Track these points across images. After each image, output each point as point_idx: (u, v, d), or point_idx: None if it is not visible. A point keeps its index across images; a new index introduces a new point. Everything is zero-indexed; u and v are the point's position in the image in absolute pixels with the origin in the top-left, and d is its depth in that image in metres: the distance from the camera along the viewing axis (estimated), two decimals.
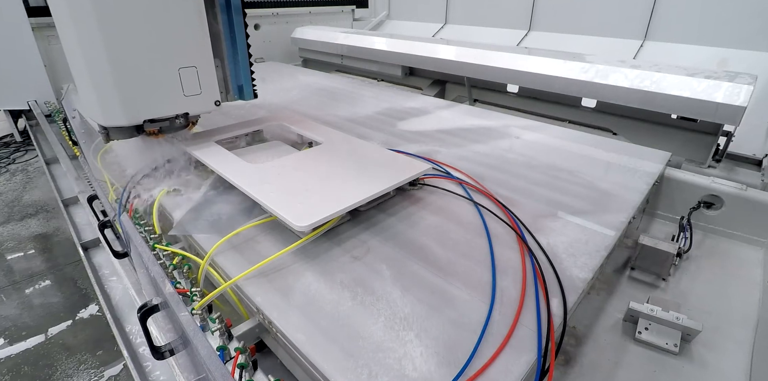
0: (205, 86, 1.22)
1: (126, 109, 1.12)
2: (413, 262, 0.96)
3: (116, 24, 1.04)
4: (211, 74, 1.23)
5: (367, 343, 0.75)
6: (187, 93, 1.19)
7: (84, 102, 1.20)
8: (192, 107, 1.22)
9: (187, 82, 1.18)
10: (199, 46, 1.19)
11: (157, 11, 1.08)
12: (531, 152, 1.56)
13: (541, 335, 0.75)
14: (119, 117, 1.13)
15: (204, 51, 1.20)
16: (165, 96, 1.17)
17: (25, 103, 2.82)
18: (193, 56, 1.18)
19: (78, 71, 1.13)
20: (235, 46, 1.28)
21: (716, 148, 1.80)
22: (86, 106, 1.20)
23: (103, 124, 1.15)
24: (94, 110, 1.15)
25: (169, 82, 1.15)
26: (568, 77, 2.00)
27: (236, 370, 0.75)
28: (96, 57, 1.06)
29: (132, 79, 1.10)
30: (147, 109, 1.16)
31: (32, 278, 2.44)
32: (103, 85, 1.09)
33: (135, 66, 1.09)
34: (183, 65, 1.16)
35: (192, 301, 0.89)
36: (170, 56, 1.14)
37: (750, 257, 1.29)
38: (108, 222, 1.27)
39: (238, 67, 1.30)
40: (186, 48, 1.16)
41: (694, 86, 1.68)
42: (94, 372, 1.85)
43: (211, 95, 1.25)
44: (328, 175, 1.16)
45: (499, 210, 1.15)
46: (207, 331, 0.83)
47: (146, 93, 1.13)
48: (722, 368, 0.93)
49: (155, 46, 1.11)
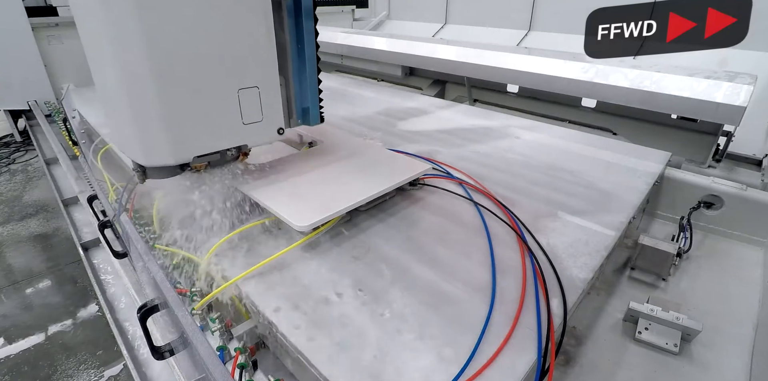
0: (267, 111, 1.00)
1: (174, 145, 0.90)
2: (413, 262, 0.96)
3: (167, 43, 0.82)
4: (275, 95, 1.01)
5: (366, 342, 0.75)
6: (246, 120, 0.97)
7: (116, 133, 1.00)
8: (251, 137, 1.00)
9: (247, 107, 0.95)
10: (263, 60, 0.96)
11: (217, 21, 0.86)
12: (531, 152, 1.56)
13: (541, 335, 0.75)
14: (165, 155, 0.90)
15: (269, 66, 0.98)
16: (221, 126, 0.94)
17: (25, 103, 2.82)
18: (256, 73, 0.96)
19: (111, 99, 0.92)
20: (303, 59, 1.05)
21: (716, 148, 1.80)
22: (119, 139, 0.99)
23: (144, 164, 0.93)
24: (130, 146, 0.93)
25: (227, 108, 0.93)
26: (568, 77, 2.00)
27: (236, 370, 0.75)
28: (139, 85, 0.83)
29: (183, 109, 0.88)
30: (199, 144, 0.94)
31: (32, 278, 2.44)
32: (145, 119, 0.86)
33: (187, 92, 0.87)
34: (244, 85, 0.93)
35: (192, 301, 0.89)
36: (229, 75, 0.92)
37: (750, 257, 1.29)
38: (108, 222, 1.27)
39: (305, 86, 1.08)
40: (248, 64, 0.93)
41: (694, 86, 1.68)
42: (94, 372, 1.85)
43: (274, 122, 1.03)
44: (328, 175, 1.16)
45: (499, 210, 1.15)
46: (207, 331, 0.83)
47: (199, 124, 0.91)
48: (722, 368, 0.93)
49: (212, 65, 0.89)
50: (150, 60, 0.81)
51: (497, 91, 2.55)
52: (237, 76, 0.92)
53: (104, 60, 0.87)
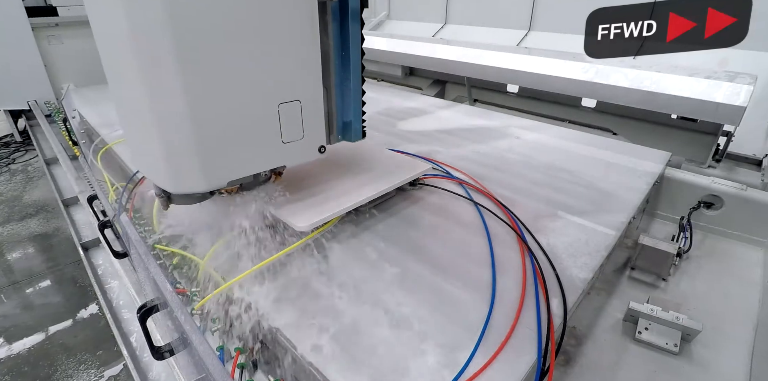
0: (308, 127, 0.89)
1: (207, 170, 0.79)
2: (413, 262, 0.96)
3: (200, 51, 0.71)
4: (317, 109, 0.91)
5: (366, 342, 0.75)
6: (286, 138, 0.86)
7: (138, 155, 0.89)
8: (290, 157, 0.90)
9: (287, 124, 0.85)
10: (307, 69, 0.85)
11: (258, 25, 0.75)
12: (531, 152, 1.56)
13: (541, 335, 0.75)
14: (196, 182, 0.80)
15: (312, 77, 0.87)
16: (258, 146, 0.84)
17: (25, 103, 2.82)
18: (298, 85, 0.85)
19: (132, 117, 0.82)
20: (347, 67, 0.93)
21: (716, 148, 1.80)
22: (142, 162, 0.89)
23: (172, 191, 0.83)
24: (155, 171, 0.83)
25: (265, 126, 0.83)
26: (568, 77, 2.00)
27: (236, 370, 0.75)
28: (168, 102, 0.72)
29: (217, 129, 0.77)
30: (234, 168, 0.83)
31: (32, 278, 2.44)
32: (174, 141, 0.75)
33: (223, 109, 0.76)
34: (285, 99, 0.83)
35: (192, 301, 0.89)
36: (269, 89, 0.81)
37: (750, 257, 1.29)
38: (108, 222, 1.27)
39: (348, 97, 0.97)
40: (290, 74, 0.82)
41: (694, 86, 1.68)
42: (94, 372, 1.85)
43: (315, 139, 0.93)
44: (328, 175, 1.16)
45: (499, 210, 1.15)
46: (207, 331, 0.83)
47: (235, 145, 0.80)
48: (722, 368, 0.93)
49: (252, 77, 0.77)
50: (181, 72, 0.69)
51: (497, 91, 2.55)
52: (278, 89, 0.82)
53: (125, 72, 0.76)
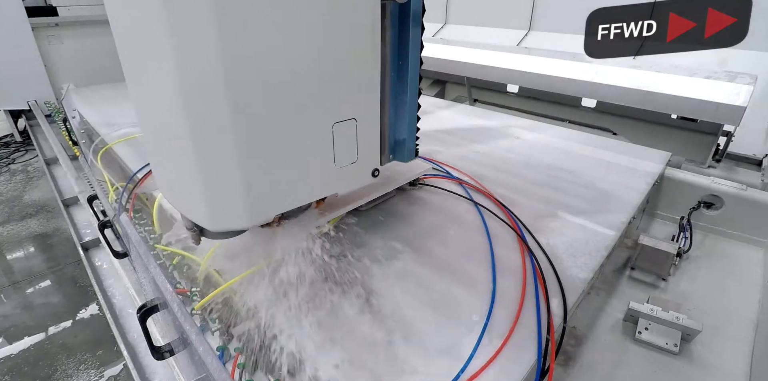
0: (363, 148, 0.78)
1: (252, 205, 0.67)
2: (413, 261, 0.96)
3: (255, 71, 0.58)
4: (373, 127, 0.79)
5: (366, 342, 0.75)
6: (339, 163, 0.75)
7: (169, 187, 0.77)
8: (343, 184, 0.80)
9: (341, 146, 0.73)
10: (365, 82, 0.74)
11: (314, 32, 0.62)
12: (531, 152, 1.56)
13: (541, 335, 0.75)
14: (238, 218, 0.68)
15: (371, 90, 0.76)
16: (309, 173, 0.72)
17: (25, 103, 2.82)
18: (355, 101, 0.73)
19: (166, 150, 0.70)
20: (404, 79, 0.81)
21: (716, 148, 1.80)
22: (174, 195, 0.77)
23: (210, 229, 0.72)
24: (190, 205, 0.72)
25: (318, 149, 0.71)
26: (568, 77, 2.00)
27: (236, 370, 0.75)
28: (214, 133, 0.60)
29: (266, 158, 0.65)
30: (281, 200, 0.71)
31: (32, 278, 2.44)
32: (218, 176, 0.63)
33: (273, 135, 0.64)
34: (340, 118, 0.71)
35: (192, 301, 0.89)
36: (325, 106, 0.69)
37: (750, 257, 1.29)
38: (108, 222, 1.27)
39: (403, 113, 0.85)
40: (347, 89, 0.71)
41: (694, 86, 1.68)
42: (94, 372, 1.85)
43: (369, 161, 0.82)
44: None
45: (499, 210, 1.15)
46: (207, 331, 0.83)
47: (283, 175, 0.68)
48: (722, 368, 0.93)
49: (305, 93, 0.65)
50: (228, 89, 0.57)
51: (497, 91, 2.55)
52: (333, 106, 0.70)
53: (160, 97, 0.63)
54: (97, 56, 3.09)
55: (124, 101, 2.27)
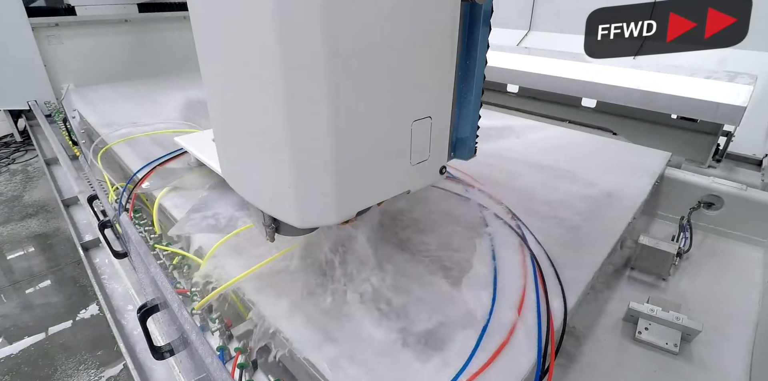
0: (434, 146, 0.79)
1: (341, 202, 0.69)
2: (413, 261, 0.96)
3: (354, 72, 0.60)
4: (445, 125, 0.80)
5: (366, 342, 0.75)
6: (414, 160, 0.76)
7: (250, 186, 0.78)
8: (415, 181, 0.80)
9: (417, 143, 0.74)
10: (442, 82, 0.75)
11: (406, 38, 0.64)
12: (531, 152, 1.56)
13: (541, 335, 0.75)
14: (327, 214, 0.70)
15: (446, 90, 0.77)
16: (389, 170, 0.74)
17: (25, 103, 2.82)
18: (431, 99, 0.74)
19: (249, 146, 0.71)
20: (470, 79, 0.82)
21: (716, 148, 1.80)
22: (256, 194, 0.77)
23: (298, 226, 0.72)
24: (277, 203, 0.73)
25: (397, 147, 0.72)
26: (568, 77, 2.00)
27: (236, 370, 0.75)
28: (312, 130, 0.61)
29: (356, 155, 0.66)
30: (365, 196, 0.73)
31: (32, 278, 2.44)
32: (312, 173, 0.65)
33: (363, 132, 0.66)
34: (418, 116, 0.72)
35: (192, 301, 0.89)
36: (407, 104, 0.70)
37: (750, 257, 1.29)
38: (108, 222, 1.27)
39: (467, 112, 0.86)
40: (427, 88, 0.72)
41: (694, 86, 1.68)
42: (94, 372, 1.85)
43: (439, 158, 0.83)
44: None
45: (499, 210, 1.15)
46: (207, 331, 0.83)
47: (368, 171, 0.70)
48: (722, 368, 0.93)
49: (393, 93, 0.67)
50: (329, 86, 0.58)
51: (497, 90, 2.55)
52: (414, 105, 0.71)
53: (254, 89, 0.64)
54: (97, 56, 3.09)
55: (124, 101, 2.27)
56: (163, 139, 1.69)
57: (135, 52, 3.26)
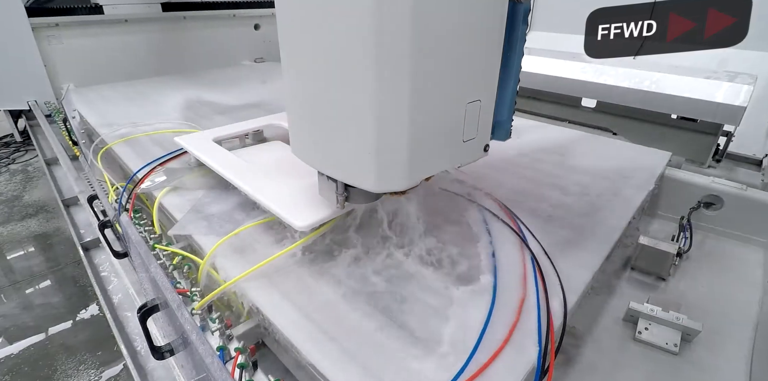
0: (481, 126, 0.90)
1: (411, 169, 0.80)
2: (413, 261, 0.96)
3: (430, 58, 0.72)
4: (489, 108, 0.91)
5: (367, 342, 0.75)
6: (465, 137, 0.87)
7: (326, 156, 0.87)
8: (464, 156, 0.91)
9: (468, 123, 0.86)
10: (490, 69, 0.86)
11: (469, 32, 0.76)
12: (531, 152, 1.55)
13: (541, 335, 0.75)
14: (399, 180, 0.80)
15: (493, 77, 0.88)
16: (446, 145, 0.85)
17: (25, 103, 2.82)
18: (481, 85, 0.85)
19: (330, 119, 0.80)
20: (510, 68, 0.94)
21: (716, 148, 1.80)
22: (332, 163, 0.87)
23: (373, 190, 0.83)
24: (354, 170, 0.82)
25: (454, 125, 0.84)
26: (568, 77, 2.00)
27: (236, 370, 0.75)
28: (393, 107, 0.72)
29: (424, 129, 0.77)
30: (427, 166, 0.85)
31: (32, 278, 2.44)
32: (390, 142, 0.75)
33: (432, 110, 0.77)
34: (471, 99, 0.83)
35: (192, 301, 0.89)
36: (464, 88, 0.81)
37: (750, 257, 1.29)
38: (108, 222, 1.27)
39: (505, 97, 0.97)
40: (479, 75, 0.84)
41: (694, 86, 1.68)
42: (94, 372, 1.85)
43: (484, 138, 0.93)
44: None
45: (500, 210, 1.15)
46: (207, 331, 0.83)
47: (431, 144, 0.81)
48: (722, 368, 0.93)
49: (455, 78, 0.79)
50: (412, 73, 0.69)
51: None
52: (468, 89, 0.82)
53: (339, 71, 0.74)
54: (97, 56, 3.09)
55: (124, 101, 2.27)
56: (163, 139, 1.69)
57: (135, 52, 3.26)
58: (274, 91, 2.48)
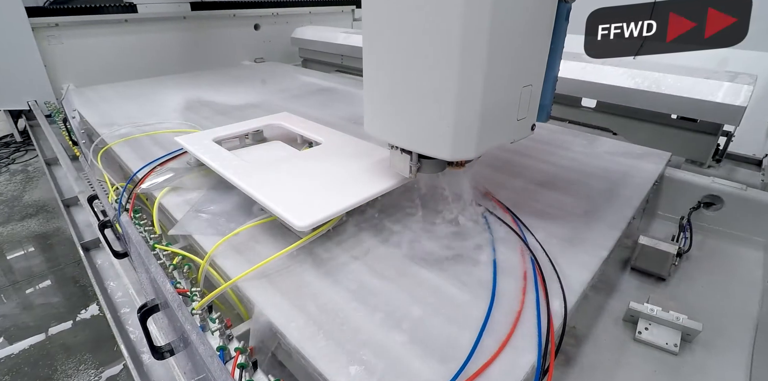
0: (530, 107, 1.03)
1: (480, 139, 0.92)
2: (413, 261, 0.96)
3: (501, 46, 0.85)
4: (538, 92, 1.04)
5: (367, 342, 0.75)
6: (519, 116, 1.00)
7: (403, 129, 0.99)
8: (516, 133, 1.03)
9: (522, 104, 0.99)
10: (541, 59, 1.01)
11: (526, 24, 0.90)
12: (531, 152, 1.56)
13: (541, 335, 0.75)
14: (470, 149, 0.93)
15: (543, 65, 1.02)
16: (505, 122, 0.99)
17: (25, 103, 2.82)
18: (534, 71, 1.00)
19: (413, 98, 0.93)
20: (555, 58, 1.07)
21: (716, 148, 1.80)
22: (409, 136, 1.00)
23: (449, 159, 0.98)
24: (430, 140, 0.95)
25: (511, 104, 0.97)
26: (568, 77, 2.00)
27: (236, 370, 0.75)
28: (472, 86, 0.86)
29: (491, 106, 0.90)
30: (490, 139, 0.96)
31: (32, 278, 2.44)
32: (466, 117, 0.89)
33: (498, 90, 0.91)
34: (526, 83, 0.98)
35: (192, 301, 0.89)
36: (522, 73, 0.96)
37: (750, 257, 1.29)
38: (108, 222, 1.27)
39: (549, 83, 1.09)
40: (533, 62, 0.99)
41: (694, 86, 1.68)
42: (94, 372, 1.85)
43: (531, 118, 1.06)
44: (328, 175, 1.16)
45: (500, 210, 1.15)
46: (207, 331, 0.83)
47: (495, 118, 0.94)
48: (722, 368, 0.93)
49: (517, 65, 0.93)
50: (488, 59, 0.83)
51: None
52: (525, 74, 0.97)
53: (427, 55, 0.87)
54: (97, 56, 3.09)
55: (124, 101, 2.28)
56: (163, 139, 1.69)
57: (135, 52, 3.27)
58: (274, 90, 2.48)
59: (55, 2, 3.05)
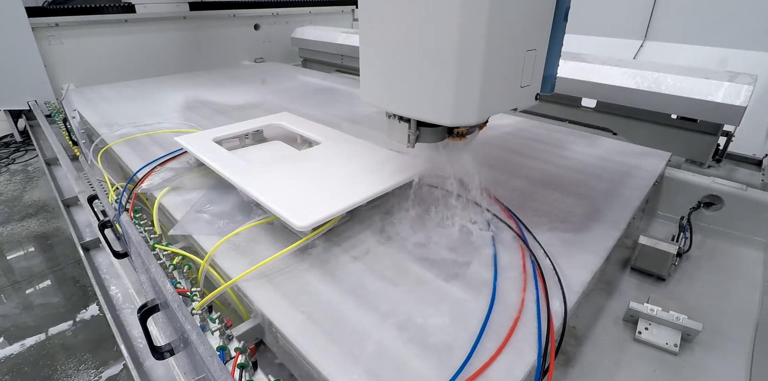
0: (534, 75, 1.00)
1: (481, 105, 0.89)
2: (413, 261, 0.96)
3: (503, 12, 0.83)
4: (542, 59, 1.01)
5: (366, 342, 0.75)
6: (523, 83, 0.97)
7: (403, 97, 0.97)
8: (519, 101, 1.00)
9: (526, 70, 0.96)
10: (544, 22, 0.96)
11: None
12: (531, 152, 1.56)
13: (541, 335, 0.75)
14: (471, 115, 0.90)
15: (546, 29, 0.98)
16: (508, 88, 0.95)
17: (25, 103, 2.82)
18: (537, 35, 0.96)
19: (413, 65, 0.91)
20: (559, 27, 1.02)
21: (716, 148, 1.80)
22: (411, 104, 0.97)
23: (451, 124, 0.94)
24: (432, 106, 0.92)
25: (515, 70, 0.94)
26: (568, 77, 2.00)
27: (236, 370, 0.75)
28: (473, 51, 0.83)
29: (494, 68, 0.87)
30: (492, 105, 0.93)
31: (32, 278, 2.44)
32: (467, 78, 0.86)
33: (500, 50, 0.87)
34: (529, 47, 0.94)
35: (192, 301, 0.89)
36: (524, 35, 0.92)
37: (750, 257, 1.29)
38: (108, 222, 1.27)
39: (553, 53, 1.05)
40: (536, 24, 0.94)
41: (694, 86, 1.68)
42: (94, 372, 1.85)
43: (535, 87, 1.02)
44: (328, 175, 1.16)
45: (500, 210, 1.15)
46: (207, 331, 0.83)
47: (497, 84, 0.91)
48: (722, 368, 0.93)
49: (516, 23, 0.89)
50: (488, 26, 0.81)
51: None
52: (528, 36, 0.93)
53: (426, 18, 0.84)
54: (97, 56, 3.09)
55: (124, 101, 2.27)
56: (163, 139, 1.69)
57: (135, 52, 3.27)
58: (274, 90, 2.48)
59: (55, 2, 3.06)
